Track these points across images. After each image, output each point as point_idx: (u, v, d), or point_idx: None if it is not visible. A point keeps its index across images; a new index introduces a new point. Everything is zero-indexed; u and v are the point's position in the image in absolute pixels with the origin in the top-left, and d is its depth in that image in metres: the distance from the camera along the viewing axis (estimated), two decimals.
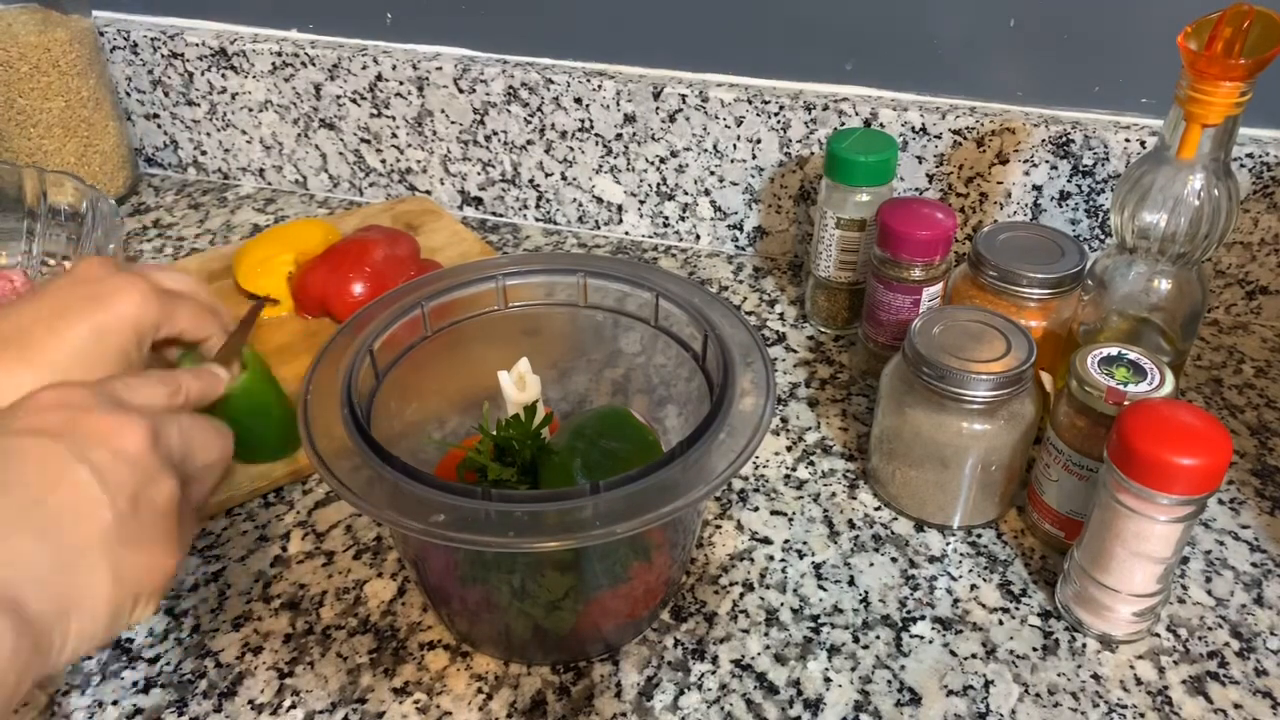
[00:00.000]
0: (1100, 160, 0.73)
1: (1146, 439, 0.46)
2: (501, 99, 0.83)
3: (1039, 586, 0.56)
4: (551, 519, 0.41)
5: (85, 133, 0.86)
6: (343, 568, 0.56)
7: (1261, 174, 0.72)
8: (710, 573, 0.56)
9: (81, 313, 0.47)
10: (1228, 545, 0.58)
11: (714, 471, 0.43)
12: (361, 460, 0.44)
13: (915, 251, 0.64)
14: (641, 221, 0.87)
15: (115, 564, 0.36)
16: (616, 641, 0.52)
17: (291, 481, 0.62)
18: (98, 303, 0.47)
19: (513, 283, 0.56)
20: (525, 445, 0.51)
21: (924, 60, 0.76)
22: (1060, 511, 0.56)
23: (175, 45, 0.88)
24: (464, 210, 0.91)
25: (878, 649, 0.52)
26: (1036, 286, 0.61)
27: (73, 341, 0.45)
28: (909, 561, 0.57)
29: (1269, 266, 0.75)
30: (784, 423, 0.67)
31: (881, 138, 0.71)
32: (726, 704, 0.49)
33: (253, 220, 0.90)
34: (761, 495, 0.61)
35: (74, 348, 0.45)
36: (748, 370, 0.49)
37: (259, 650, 0.52)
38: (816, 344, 0.75)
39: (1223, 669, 0.52)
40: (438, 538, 0.40)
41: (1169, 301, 0.60)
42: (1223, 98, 0.52)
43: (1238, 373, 0.72)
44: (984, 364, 0.54)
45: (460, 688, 0.50)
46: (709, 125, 0.80)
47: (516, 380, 0.53)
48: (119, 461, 0.37)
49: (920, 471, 0.58)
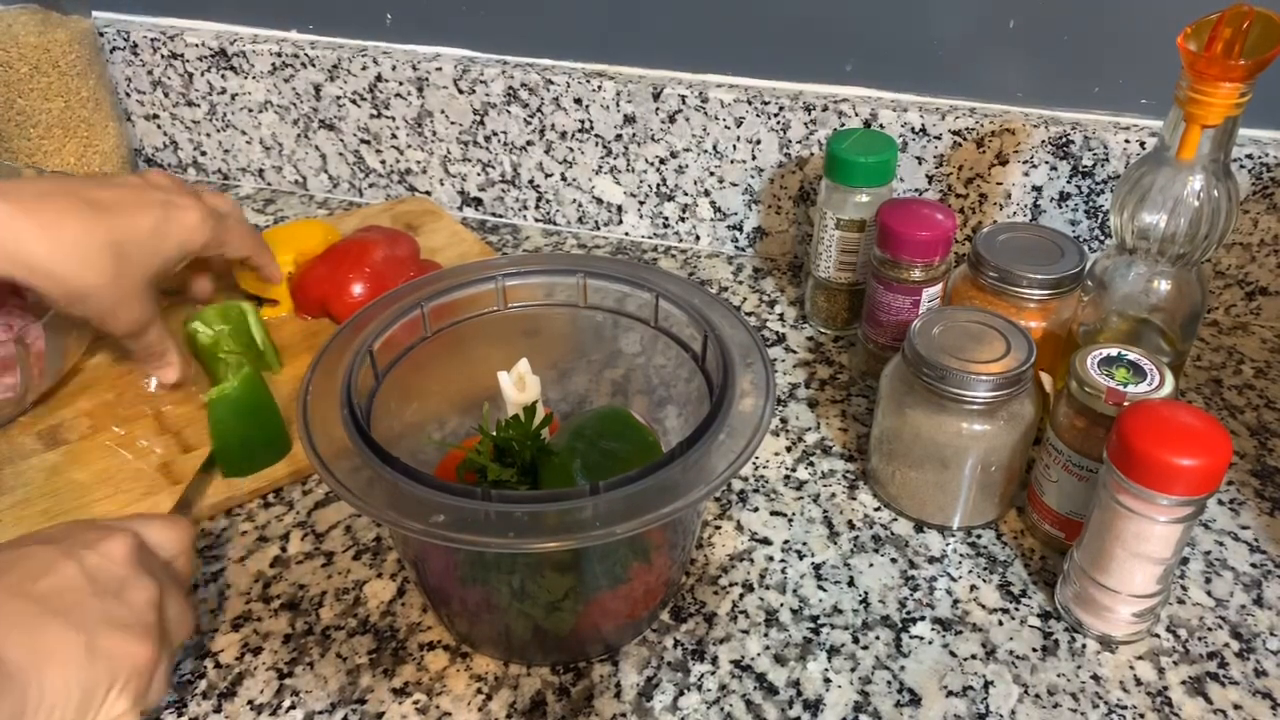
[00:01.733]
0: (1100, 161, 0.73)
1: (1146, 440, 0.46)
2: (501, 99, 0.83)
3: (1039, 587, 0.56)
4: (551, 520, 0.41)
5: (85, 133, 0.86)
6: (342, 568, 0.56)
7: (1261, 175, 0.72)
8: (710, 573, 0.56)
9: (150, 211, 0.57)
10: (1227, 546, 0.58)
11: (714, 472, 0.43)
12: (361, 461, 0.44)
13: (915, 252, 0.64)
14: (641, 222, 0.87)
15: (90, 634, 0.39)
16: (616, 642, 0.52)
17: (291, 482, 0.62)
18: (165, 210, 0.58)
19: (512, 283, 0.56)
20: (525, 446, 0.51)
21: (924, 61, 0.76)
22: (1060, 512, 0.56)
23: (175, 46, 0.88)
24: (464, 211, 0.91)
25: (877, 650, 0.52)
26: (1036, 287, 0.61)
27: (138, 231, 0.56)
28: (909, 562, 0.57)
29: (1268, 267, 0.75)
30: (784, 423, 0.67)
31: (881, 138, 0.71)
32: (726, 704, 0.49)
33: (252, 221, 0.90)
34: (761, 496, 0.61)
35: (137, 237, 0.56)
36: (748, 371, 0.49)
37: (259, 651, 0.52)
38: (816, 345, 0.75)
39: (1222, 669, 0.52)
40: (438, 538, 0.40)
41: (1169, 302, 0.60)
42: (1222, 98, 0.52)
43: (1237, 373, 0.72)
44: (984, 365, 0.54)
45: (460, 688, 0.50)
46: (709, 126, 0.80)
47: (516, 381, 0.53)
48: (105, 560, 0.42)
49: (920, 472, 0.58)
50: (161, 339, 0.62)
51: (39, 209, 0.54)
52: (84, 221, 0.55)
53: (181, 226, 0.59)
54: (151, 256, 0.58)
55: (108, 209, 0.56)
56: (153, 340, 0.61)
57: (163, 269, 0.60)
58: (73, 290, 0.55)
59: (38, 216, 0.54)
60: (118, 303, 0.57)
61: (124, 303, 0.58)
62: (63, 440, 0.62)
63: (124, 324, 0.59)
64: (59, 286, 0.55)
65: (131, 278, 0.57)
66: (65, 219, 0.54)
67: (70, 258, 0.54)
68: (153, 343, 0.61)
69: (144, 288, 0.59)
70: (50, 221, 0.54)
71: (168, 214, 0.59)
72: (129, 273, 0.57)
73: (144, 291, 0.59)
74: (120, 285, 0.57)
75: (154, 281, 0.60)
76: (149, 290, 0.59)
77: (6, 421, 0.63)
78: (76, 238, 0.54)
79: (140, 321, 0.59)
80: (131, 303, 0.58)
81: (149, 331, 0.61)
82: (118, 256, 0.56)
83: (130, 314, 0.58)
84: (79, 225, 0.55)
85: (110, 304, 0.57)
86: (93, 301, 0.56)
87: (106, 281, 0.56)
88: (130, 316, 0.58)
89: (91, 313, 0.57)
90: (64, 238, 0.54)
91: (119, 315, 0.58)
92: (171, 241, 0.59)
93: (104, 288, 0.56)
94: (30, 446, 0.62)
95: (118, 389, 0.67)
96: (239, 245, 0.63)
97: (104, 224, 0.55)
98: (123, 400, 0.66)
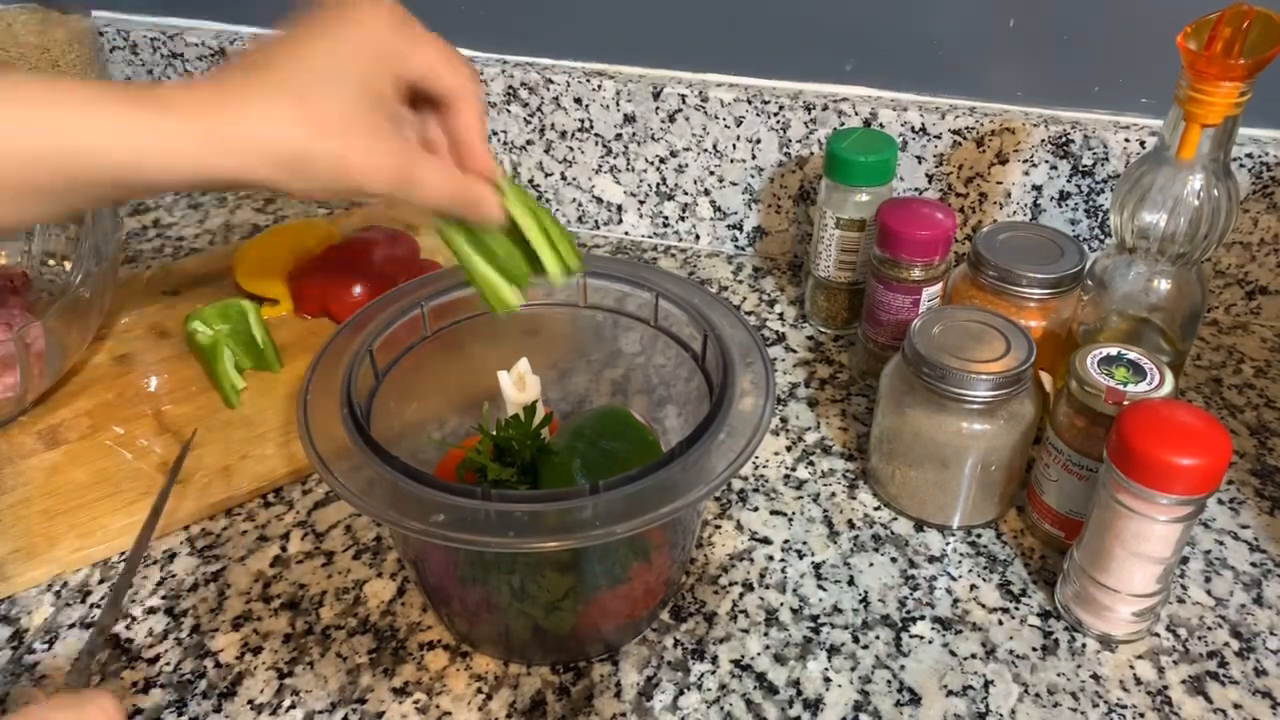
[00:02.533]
0: (1100, 160, 0.73)
1: (1146, 439, 0.46)
2: (501, 99, 0.83)
3: (1039, 586, 0.56)
4: (551, 519, 0.41)
5: None
6: (342, 568, 0.56)
7: (1261, 174, 0.72)
8: (710, 573, 0.56)
9: (323, 32, 0.43)
10: (1227, 545, 0.58)
11: (714, 471, 0.43)
12: (361, 460, 0.44)
13: (915, 251, 0.64)
14: (641, 221, 0.87)
15: None
16: (616, 642, 0.52)
17: (291, 481, 0.62)
18: (339, 20, 0.44)
19: None
20: (525, 445, 0.51)
21: (924, 60, 0.76)
22: (1060, 511, 0.56)
23: (175, 45, 0.88)
24: None
25: (877, 649, 0.52)
26: (1036, 286, 0.61)
27: (310, 61, 0.42)
28: (909, 561, 0.57)
29: (1268, 266, 0.75)
30: (783, 423, 0.67)
31: (881, 138, 0.71)
32: (726, 704, 0.49)
33: (253, 220, 0.90)
34: (761, 495, 0.61)
35: (314, 68, 0.42)
36: (747, 370, 0.49)
37: (258, 650, 0.52)
38: (816, 344, 0.75)
39: (1222, 669, 0.52)
40: (438, 538, 0.40)
41: (1168, 301, 0.60)
42: (1222, 98, 0.52)
43: (1237, 373, 0.72)
44: (984, 364, 0.54)
45: (460, 688, 0.50)
46: (709, 125, 0.80)
47: (516, 380, 0.53)
48: None
49: (920, 471, 0.58)
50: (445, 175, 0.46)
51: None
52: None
53: (359, 33, 0.44)
54: (359, 81, 0.43)
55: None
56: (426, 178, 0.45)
57: (374, 92, 0.43)
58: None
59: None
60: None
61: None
62: (63, 440, 0.62)
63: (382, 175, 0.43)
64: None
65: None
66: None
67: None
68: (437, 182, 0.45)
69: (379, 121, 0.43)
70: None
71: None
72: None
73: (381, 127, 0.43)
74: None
75: (386, 103, 0.44)
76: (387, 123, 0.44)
77: (6, 421, 0.63)
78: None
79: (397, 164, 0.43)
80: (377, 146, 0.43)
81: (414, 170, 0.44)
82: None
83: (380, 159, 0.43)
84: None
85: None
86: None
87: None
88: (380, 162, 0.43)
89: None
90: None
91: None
92: (354, 61, 0.43)
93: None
94: (30, 446, 0.62)
95: (118, 389, 0.67)
96: (443, 69, 0.47)
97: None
98: (123, 400, 0.66)
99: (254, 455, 0.62)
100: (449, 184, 0.45)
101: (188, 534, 0.58)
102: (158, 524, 0.55)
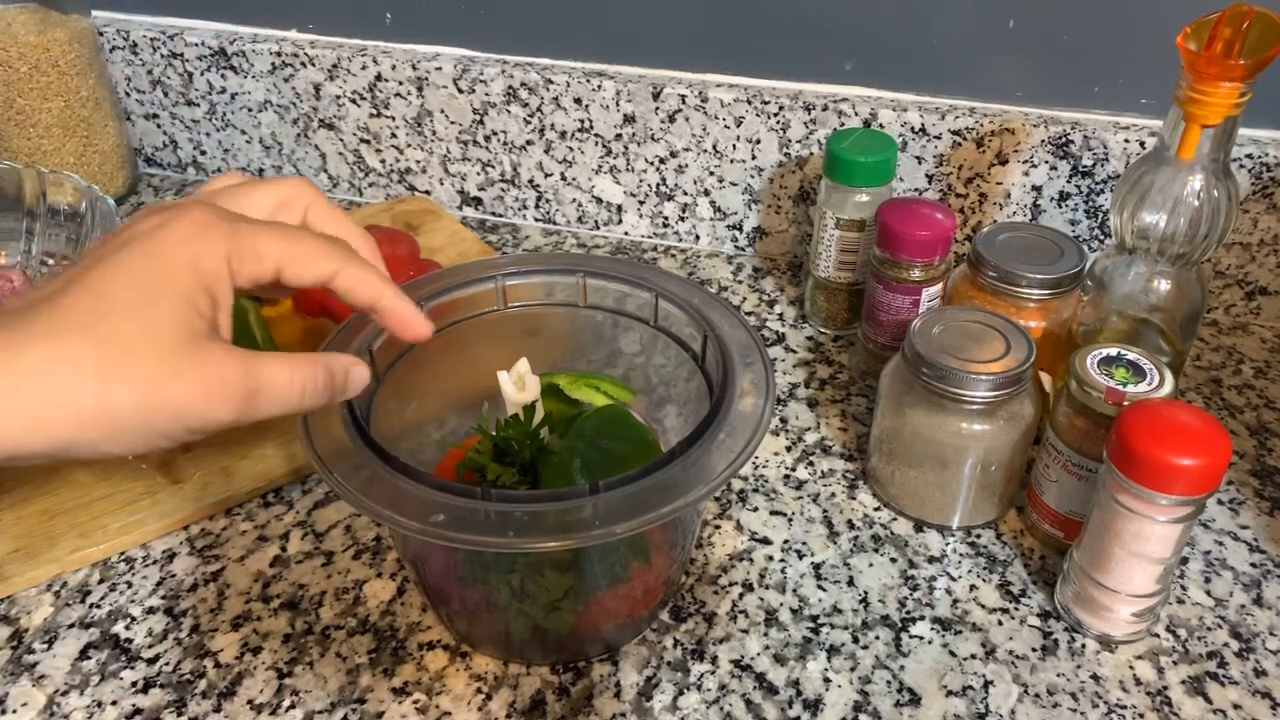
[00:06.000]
0: (1100, 161, 0.73)
1: (1146, 439, 0.46)
2: (501, 99, 0.83)
3: (1038, 587, 0.56)
4: (551, 519, 0.41)
5: (84, 133, 0.86)
6: (342, 568, 0.56)
7: (1261, 174, 0.72)
8: (710, 573, 0.56)
9: (125, 260, 0.36)
10: (1227, 545, 0.59)
11: (714, 471, 0.43)
12: (361, 460, 0.44)
13: (915, 252, 0.64)
14: (641, 222, 0.87)
15: None
16: (616, 642, 0.52)
17: (291, 481, 0.62)
18: (147, 241, 0.37)
19: (512, 283, 0.56)
20: (525, 445, 0.51)
21: (924, 60, 0.76)
22: (1060, 512, 0.56)
23: (175, 45, 0.88)
24: (463, 210, 0.91)
25: (877, 649, 0.52)
26: (1036, 287, 0.61)
27: (115, 300, 0.35)
28: (908, 562, 0.57)
29: (1268, 267, 0.75)
30: (783, 423, 0.67)
31: (881, 138, 0.71)
32: (726, 704, 0.49)
33: None
34: (761, 495, 0.61)
35: (119, 306, 0.35)
36: (747, 370, 0.49)
37: (258, 650, 0.52)
38: (816, 344, 0.75)
39: (1222, 669, 0.52)
40: (437, 538, 0.40)
41: (1168, 302, 0.60)
42: (1222, 98, 0.52)
43: (1237, 373, 0.72)
44: (983, 364, 0.54)
45: (460, 688, 0.50)
46: (708, 125, 0.80)
47: (516, 380, 0.53)
48: None
49: (920, 472, 0.58)
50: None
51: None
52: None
53: (169, 256, 0.37)
54: (176, 307, 0.37)
55: None
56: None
57: (196, 316, 0.37)
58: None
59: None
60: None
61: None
62: None
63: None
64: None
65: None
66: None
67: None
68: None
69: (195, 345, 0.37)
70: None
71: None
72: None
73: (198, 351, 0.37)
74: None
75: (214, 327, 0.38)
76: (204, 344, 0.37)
77: None
78: None
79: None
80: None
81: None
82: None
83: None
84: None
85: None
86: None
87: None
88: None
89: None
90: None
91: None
92: (164, 284, 0.37)
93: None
94: None
95: None
96: (290, 262, 0.40)
97: None
98: None
99: (254, 455, 0.62)
100: (299, 376, 0.39)
101: (187, 534, 0.58)
102: None
